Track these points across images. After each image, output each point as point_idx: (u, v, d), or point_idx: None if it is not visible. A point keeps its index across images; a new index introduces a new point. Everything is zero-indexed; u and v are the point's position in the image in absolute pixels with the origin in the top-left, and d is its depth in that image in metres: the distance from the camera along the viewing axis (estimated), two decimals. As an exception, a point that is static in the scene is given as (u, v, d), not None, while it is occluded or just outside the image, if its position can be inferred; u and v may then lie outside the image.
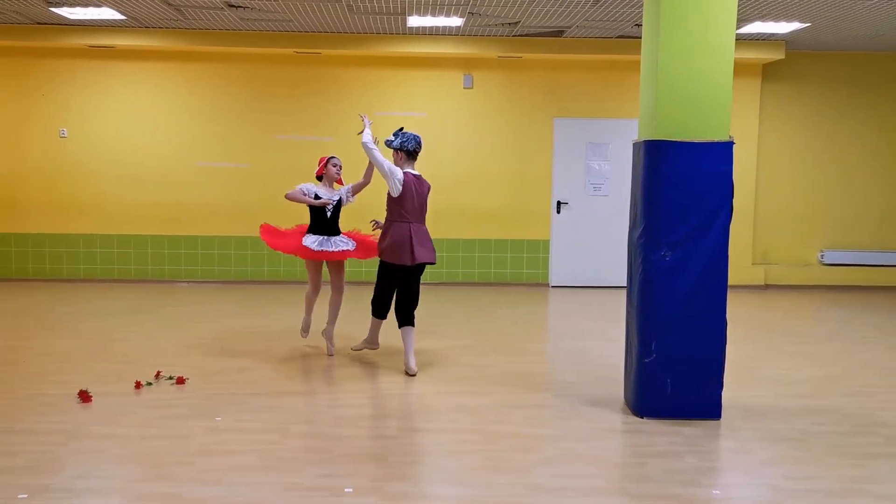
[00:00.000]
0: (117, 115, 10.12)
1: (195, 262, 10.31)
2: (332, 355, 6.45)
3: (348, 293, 6.98)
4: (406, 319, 6.02)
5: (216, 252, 10.30)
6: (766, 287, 10.68)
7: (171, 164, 10.19)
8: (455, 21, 8.75)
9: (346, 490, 3.73)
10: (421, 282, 6.07)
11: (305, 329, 6.70)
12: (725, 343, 4.84)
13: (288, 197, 6.30)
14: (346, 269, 8.11)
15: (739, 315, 8.70)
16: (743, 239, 10.66)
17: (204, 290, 9.79)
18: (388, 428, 4.70)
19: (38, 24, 9.27)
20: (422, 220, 5.93)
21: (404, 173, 5.81)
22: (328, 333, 6.49)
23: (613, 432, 4.70)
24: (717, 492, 3.80)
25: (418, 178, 5.89)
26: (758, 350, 7.03)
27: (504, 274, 10.53)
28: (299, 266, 9.86)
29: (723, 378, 4.86)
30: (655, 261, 4.79)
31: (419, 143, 5.94)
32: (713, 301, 4.80)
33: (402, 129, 5.97)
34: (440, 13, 8.38)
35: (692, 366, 4.82)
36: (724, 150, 4.74)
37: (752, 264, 10.77)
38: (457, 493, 3.76)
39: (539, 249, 10.55)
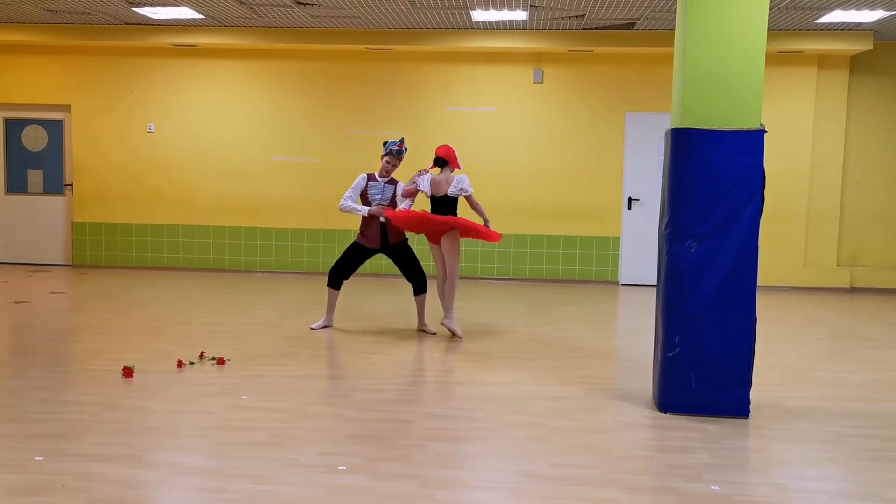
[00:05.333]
0: (199, 110, 10.58)
1: (269, 252, 10.66)
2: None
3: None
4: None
5: (290, 244, 10.62)
6: (853, 290, 10.14)
7: (248, 159, 10.57)
8: (519, 14, 8.71)
9: (339, 468, 3.80)
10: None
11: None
12: (754, 340, 4.65)
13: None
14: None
15: (815, 318, 8.37)
16: (827, 240, 10.18)
17: (277, 280, 10.11)
18: (405, 413, 4.74)
19: (126, 24, 9.80)
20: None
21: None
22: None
23: (631, 426, 4.59)
24: (716, 488, 3.66)
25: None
26: (818, 352, 6.71)
27: (572, 271, 10.41)
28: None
29: (751, 376, 4.67)
30: (680, 252, 4.65)
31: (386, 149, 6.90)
32: (742, 296, 4.61)
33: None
34: (503, 6, 8.37)
35: (718, 362, 4.66)
36: (753, 139, 4.55)
37: (837, 266, 10.24)
38: (446, 475, 3.77)
39: (609, 247, 10.37)
